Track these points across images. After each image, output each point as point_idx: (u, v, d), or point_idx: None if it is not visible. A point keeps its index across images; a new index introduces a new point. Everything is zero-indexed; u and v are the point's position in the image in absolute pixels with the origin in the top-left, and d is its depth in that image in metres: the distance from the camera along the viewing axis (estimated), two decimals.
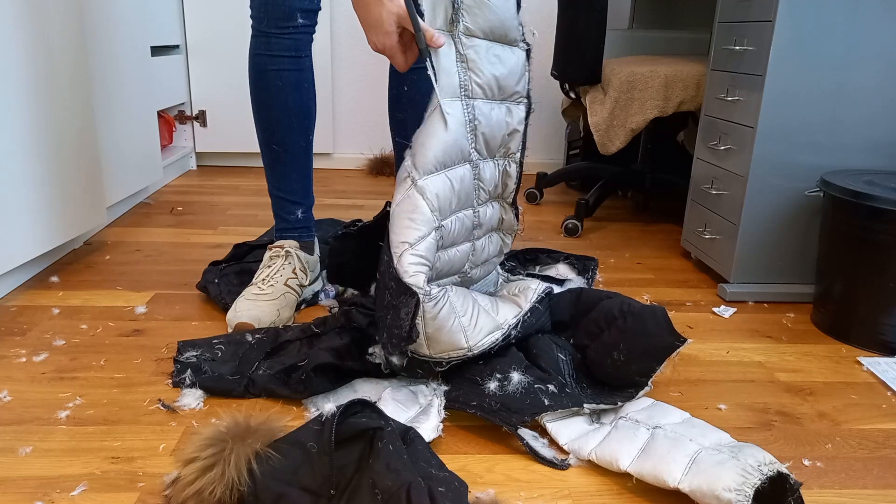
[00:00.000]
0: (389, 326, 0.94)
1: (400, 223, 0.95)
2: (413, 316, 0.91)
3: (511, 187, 1.13)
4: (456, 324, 0.97)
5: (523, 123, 1.12)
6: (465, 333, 0.98)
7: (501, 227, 1.17)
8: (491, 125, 1.05)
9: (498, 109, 1.07)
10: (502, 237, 1.18)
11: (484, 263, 1.16)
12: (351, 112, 2.65)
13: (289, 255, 1.28)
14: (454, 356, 0.98)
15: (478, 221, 1.10)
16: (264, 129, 1.25)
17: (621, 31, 2.21)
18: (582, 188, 2.45)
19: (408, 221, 0.95)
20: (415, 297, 0.90)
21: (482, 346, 0.99)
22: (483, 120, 1.04)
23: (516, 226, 1.16)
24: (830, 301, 1.29)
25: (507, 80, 1.07)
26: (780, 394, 1.08)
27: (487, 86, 1.04)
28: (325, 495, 0.72)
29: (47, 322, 1.22)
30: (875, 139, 1.35)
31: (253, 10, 1.17)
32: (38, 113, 1.34)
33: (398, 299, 0.92)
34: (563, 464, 0.87)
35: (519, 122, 1.11)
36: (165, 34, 2.26)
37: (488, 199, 1.11)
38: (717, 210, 1.50)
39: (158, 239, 1.72)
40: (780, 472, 0.75)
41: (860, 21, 1.28)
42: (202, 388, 1.00)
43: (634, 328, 0.99)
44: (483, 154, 1.07)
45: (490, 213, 1.13)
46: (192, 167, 2.60)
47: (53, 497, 0.78)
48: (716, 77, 1.52)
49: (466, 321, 0.99)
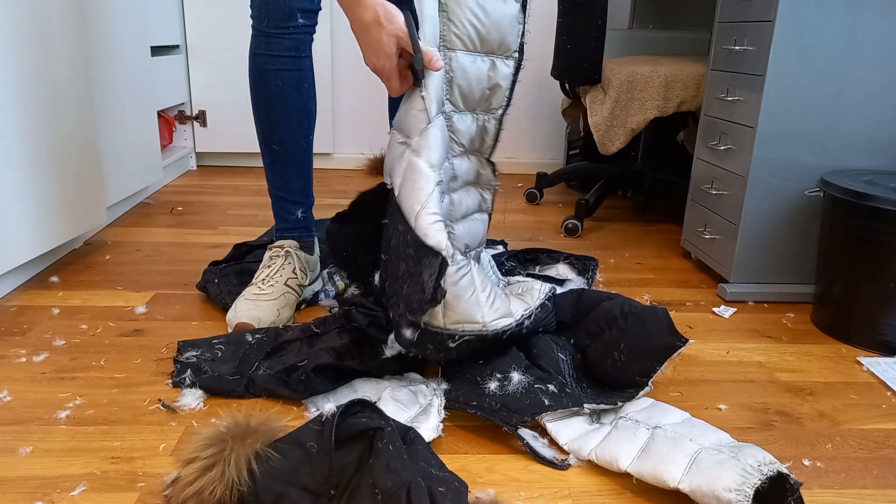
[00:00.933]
0: (408, 295, 0.91)
1: (406, 193, 0.94)
2: (438, 276, 0.88)
3: (488, 143, 1.10)
4: (474, 296, 0.95)
5: (509, 79, 1.07)
6: (482, 308, 0.96)
7: (479, 182, 1.15)
8: (468, 79, 1.03)
9: (481, 62, 1.04)
10: (481, 192, 1.16)
11: (464, 219, 1.14)
12: (351, 112, 2.66)
13: (289, 255, 1.28)
14: (468, 330, 0.96)
15: (453, 173, 1.08)
16: (264, 128, 1.25)
17: (621, 31, 2.21)
18: (582, 188, 2.45)
19: (412, 185, 0.94)
20: (439, 257, 0.89)
21: (496, 327, 0.98)
22: (460, 73, 1.02)
23: (494, 181, 1.14)
24: (830, 301, 1.29)
25: (491, 33, 1.03)
26: (780, 394, 1.08)
27: (467, 37, 1.01)
28: (325, 495, 0.72)
29: (47, 322, 1.22)
30: (875, 139, 1.36)
31: (253, 10, 1.17)
32: (37, 113, 1.34)
33: (419, 264, 0.90)
34: (563, 464, 0.87)
35: (504, 77, 1.07)
36: (165, 34, 2.26)
37: (463, 153, 1.09)
38: (717, 210, 1.50)
39: (158, 239, 1.72)
40: (780, 472, 0.75)
41: (860, 21, 1.28)
42: (202, 388, 1.00)
43: (636, 328, 0.99)
44: (459, 106, 1.05)
45: (466, 167, 1.10)
46: (192, 167, 2.60)
47: (53, 497, 0.78)
48: (716, 77, 1.52)
49: (484, 297, 0.97)
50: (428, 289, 0.89)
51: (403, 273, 0.93)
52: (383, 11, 0.95)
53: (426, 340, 0.98)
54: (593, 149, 2.24)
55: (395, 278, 0.96)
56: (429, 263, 0.89)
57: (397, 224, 0.96)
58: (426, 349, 0.99)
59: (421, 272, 0.90)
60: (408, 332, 0.96)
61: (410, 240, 0.91)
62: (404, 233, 0.93)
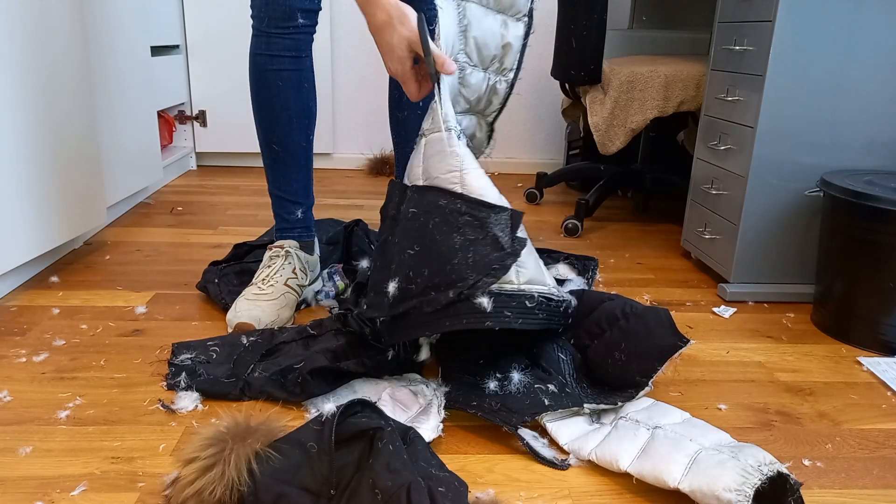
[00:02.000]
0: (477, 261, 0.88)
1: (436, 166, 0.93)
2: (513, 227, 0.87)
3: (495, 105, 1.10)
4: (535, 256, 0.94)
5: (520, 41, 1.08)
6: (542, 270, 0.95)
7: (472, 144, 1.14)
8: (483, 31, 1.03)
9: (493, 18, 1.04)
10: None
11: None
12: (351, 112, 2.66)
13: (289, 255, 1.28)
14: (542, 292, 0.93)
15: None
16: (265, 128, 1.25)
17: (621, 31, 2.21)
18: (582, 188, 2.45)
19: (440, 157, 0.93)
20: (507, 210, 0.87)
21: (560, 296, 0.96)
22: (474, 23, 1.02)
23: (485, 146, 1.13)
24: (830, 301, 1.29)
25: None
26: (780, 394, 1.07)
27: None
28: (325, 495, 0.72)
29: (47, 322, 1.22)
30: (875, 139, 1.36)
31: (253, 10, 1.17)
32: (38, 113, 1.34)
33: (485, 225, 0.87)
34: (563, 464, 0.87)
35: (515, 37, 1.07)
36: (165, 34, 2.26)
37: (468, 110, 1.09)
38: (717, 210, 1.50)
39: (158, 239, 1.72)
40: (780, 472, 0.75)
41: (860, 21, 1.28)
42: (198, 390, 0.99)
43: (637, 329, 0.99)
44: (473, 59, 1.04)
45: (465, 124, 1.10)
46: (192, 167, 2.60)
47: (53, 497, 0.78)
48: (716, 77, 1.53)
49: (539, 262, 0.97)
50: (505, 242, 0.87)
51: (463, 244, 0.89)
52: (396, 12, 0.92)
53: (502, 307, 0.91)
54: (593, 149, 2.24)
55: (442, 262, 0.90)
56: (497, 220, 0.88)
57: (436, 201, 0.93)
58: (503, 318, 0.91)
59: (489, 230, 0.88)
60: (485, 300, 0.89)
61: (463, 207, 0.89)
62: (450, 204, 0.90)
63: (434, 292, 0.91)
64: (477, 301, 0.89)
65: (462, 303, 0.90)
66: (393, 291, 0.95)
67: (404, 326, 0.95)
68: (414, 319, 0.93)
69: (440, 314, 0.91)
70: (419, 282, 0.93)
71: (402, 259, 0.96)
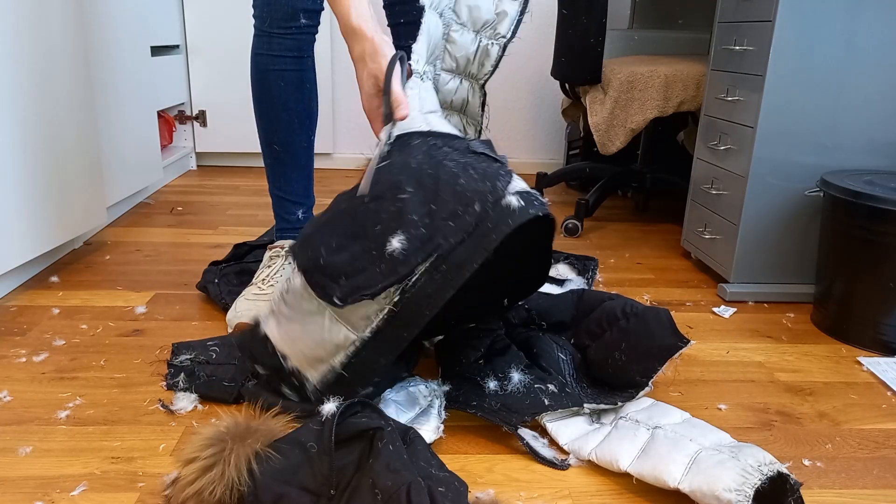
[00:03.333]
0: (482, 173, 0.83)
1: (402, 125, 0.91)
2: (491, 148, 0.86)
3: (487, 68, 1.08)
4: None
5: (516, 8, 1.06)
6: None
7: (465, 110, 1.11)
8: None
9: None
10: (464, 123, 1.12)
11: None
12: (351, 112, 2.65)
13: (289, 256, 1.28)
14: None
15: (436, 86, 1.04)
16: (265, 129, 1.25)
17: (621, 31, 2.21)
18: (582, 188, 2.45)
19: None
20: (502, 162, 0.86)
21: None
22: None
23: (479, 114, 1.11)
24: (830, 301, 1.29)
25: None
26: (780, 394, 1.08)
27: None
28: (325, 495, 0.72)
29: (47, 322, 1.22)
30: (875, 139, 1.36)
31: (255, 10, 1.17)
32: (38, 113, 1.34)
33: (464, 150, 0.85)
34: (563, 464, 0.87)
35: (510, 4, 1.05)
36: (165, 34, 2.26)
37: (454, 69, 1.06)
38: (717, 210, 1.50)
39: (158, 239, 1.72)
40: (780, 472, 0.75)
41: (860, 21, 1.28)
42: (197, 393, 0.99)
43: (637, 329, 0.99)
44: (462, 18, 1.03)
45: (453, 87, 1.08)
46: (192, 167, 2.60)
47: (53, 497, 0.78)
48: (716, 77, 1.53)
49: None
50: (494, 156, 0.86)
51: (458, 166, 0.83)
52: (370, 48, 0.90)
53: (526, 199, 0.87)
54: (593, 149, 2.24)
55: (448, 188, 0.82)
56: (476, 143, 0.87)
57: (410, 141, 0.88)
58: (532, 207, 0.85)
59: (475, 150, 0.87)
60: (513, 199, 0.83)
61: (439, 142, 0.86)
62: (426, 142, 0.87)
63: (452, 221, 0.81)
64: (505, 202, 0.82)
65: (495, 209, 0.81)
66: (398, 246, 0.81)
67: (447, 273, 0.81)
68: (455, 258, 0.81)
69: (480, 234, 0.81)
70: (427, 222, 0.81)
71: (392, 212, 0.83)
